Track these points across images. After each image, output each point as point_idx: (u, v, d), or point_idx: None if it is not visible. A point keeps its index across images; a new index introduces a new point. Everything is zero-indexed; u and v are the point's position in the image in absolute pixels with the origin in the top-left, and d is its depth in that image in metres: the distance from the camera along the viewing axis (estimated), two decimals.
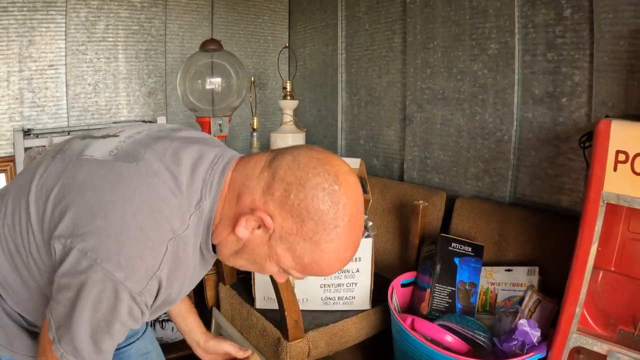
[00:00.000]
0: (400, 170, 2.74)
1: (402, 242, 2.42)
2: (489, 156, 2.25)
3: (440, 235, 2.04)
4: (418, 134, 2.57)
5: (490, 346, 1.73)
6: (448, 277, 1.95)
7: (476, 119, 2.28)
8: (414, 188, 2.49)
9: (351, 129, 3.10)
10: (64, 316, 0.99)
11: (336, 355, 2.23)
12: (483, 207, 2.19)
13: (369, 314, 2.09)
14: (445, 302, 1.92)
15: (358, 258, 2.02)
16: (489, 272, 2.01)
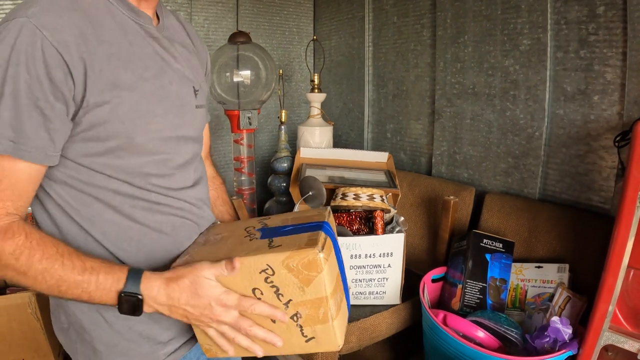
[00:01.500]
0: (428, 165, 2.78)
1: (431, 237, 2.46)
2: (519, 152, 2.28)
3: (471, 232, 2.07)
4: (447, 129, 2.60)
5: (522, 342, 1.76)
6: (479, 273, 1.99)
7: (507, 114, 2.31)
8: (443, 183, 2.53)
9: (378, 122, 3.14)
10: None
11: (366, 350, 2.27)
12: (513, 203, 2.22)
13: (399, 309, 2.13)
14: (476, 298, 1.96)
15: (390, 253, 2.05)
16: (519, 269, 2.04)
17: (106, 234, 1.21)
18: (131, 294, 1.10)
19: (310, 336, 1.15)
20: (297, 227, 1.23)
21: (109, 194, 1.19)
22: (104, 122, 1.11)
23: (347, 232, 2.10)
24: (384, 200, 2.17)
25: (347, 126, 3.38)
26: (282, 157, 2.86)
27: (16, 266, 1.05)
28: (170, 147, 1.26)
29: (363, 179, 2.40)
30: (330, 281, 1.11)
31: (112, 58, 1.11)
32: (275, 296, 1.12)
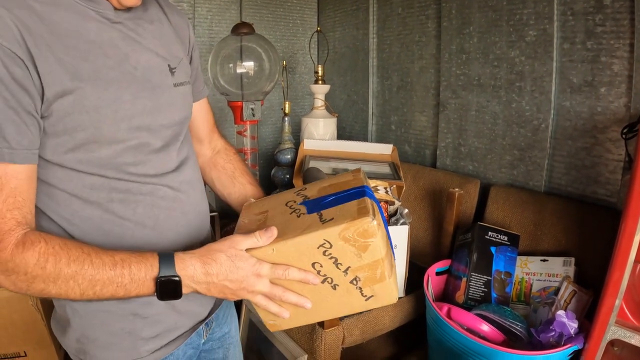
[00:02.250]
0: (433, 157, 2.77)
1: (435, 230, 2.45)
2: (524, 144, 2.27)
3: (476, 224, 2.07)
4: (452, 121, 2.59)
5: (527, 336, 1.76)
6: (484, 266, 1.98)
7: (512, 106, 2.30)
8: (448, 175, 2.52)
9: (382, 114, 3.13)
10: None
11: (369, 343, 2.27)
12: (518, 196, 2.21)
13: (402, 302, 2.12)
14: (481, 292, 1.95)
15: (394, 245, 2.04)
16: (524, 262, 2.03)
17: (86, 232, 1.19)
18: (168, 278, 1.10)
19: (370, 295, 1.21)
20: (339, 196, 1.24)
21: (85, 190, 1.17)
22: (68, 113, 1.09)
23: None
24: (388, 192, 2.16)
25: (351, 118, 3.38)
26: (285, 149, 2.85)
27: (44, 275, 1.03)
28: (143, 132, 1.23)
29: (367, 170, 2.39)
30: (383, 244, 1.15)
31: (70, 49, 1.09)
32: (334, 266, 1.17)
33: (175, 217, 1.32)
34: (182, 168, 1.35)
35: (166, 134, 1.29)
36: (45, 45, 1.05)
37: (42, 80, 1.05)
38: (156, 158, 1.26)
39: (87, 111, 1.10)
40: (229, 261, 1.14)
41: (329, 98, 3.11)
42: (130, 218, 1.22)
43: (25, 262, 1.01)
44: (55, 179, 1.15)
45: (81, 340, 1.26)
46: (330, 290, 1.21)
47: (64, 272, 1.03)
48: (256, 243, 1.16)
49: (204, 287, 1.16)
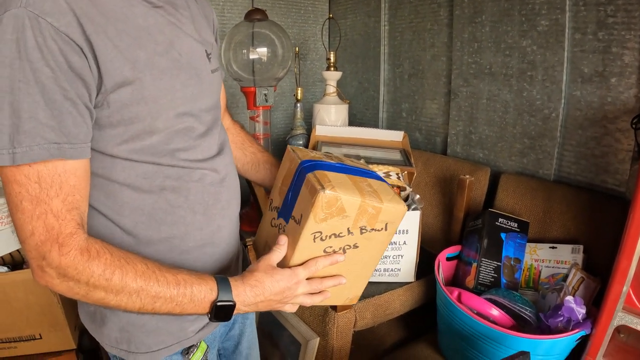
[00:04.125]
0: (444, 144, 2.80)
1: (445, 216, 2.49)
2: (535, 133, 2.31)
3: (487, 210, 2.10)
4: (463, 109, 2.62)
5: (536, 321, 1.80)
6: (494, 252, 2.02)
7: (523, 95, 2.33)
8: (458, 162, 2.55)
9: (393, 101, 3.16)
10: None
11: (380, 327, 2.31)
12: (528, 184, 2.25)
13: (413, 287, 2.17)
14: (490, 277, 1.99)
15: (405, 230, 2.08)
16: (533, 249, 2.07)
17: (137, 223, 1.20)
18: (225, 303, 1.15)
19: (382, 226, 1.29)
20: (292, 190, 1.32)
21: (138, 179, 1.17)
22: (126, 105, 1.08)
23: None
24: (400, 178, 2.20)
25: (362, 105, 3.41)
26: (297, 135, 2.89)
27: (108, 287, 1.03)
28: (188, 118, 1.24)
29: (378, 157, 2.43)
30: (351, 190, 1.22)
31: (123, 35, 1.06)
32: (340, 238, 1.26)
33: (222, 201, 1.36)
34: (224, 151, 1.39)
35: (207, 118, 1.32)
36: (102, 30, 1.02)
37: (100, 70, 1.02)
38: (203, 143, 1.29)
39: (145, 102, 1.10)
40: (269, 277, 1.22)
41: (341, 85, 3.14)
42: (182, 205, 1.25)
43: (90, 272, 1.01)
44: (105, 170, 1.14)
45: (126, 329, 1.27)
46: (357, 251, 1.30)
47: (129, 286, 1.04)
48: (280, 255, 1.27)
49: (252, 308, 1.22)
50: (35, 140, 0.95)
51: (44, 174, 0.97)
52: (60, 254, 0.99)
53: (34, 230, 0.98)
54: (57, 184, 0.99)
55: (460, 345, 1.87)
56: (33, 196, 0.97)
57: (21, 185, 0.97)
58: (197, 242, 1.31)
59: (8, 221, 2.20)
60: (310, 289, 1.29)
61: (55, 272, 1.00)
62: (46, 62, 0.94)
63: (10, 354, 2.27)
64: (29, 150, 0.95)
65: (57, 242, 0.99)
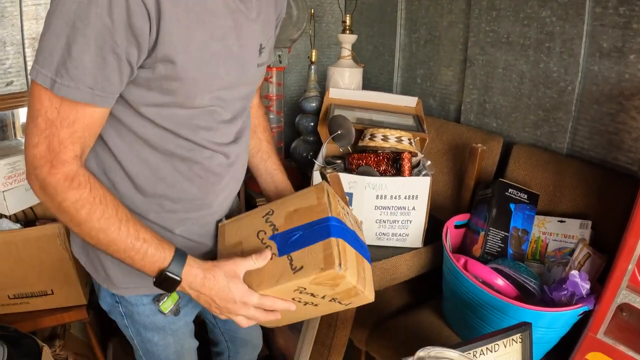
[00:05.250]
0: (457, 112, 2.81)
1: (455, 184, 2.52)
2: (550, 105, 2.31)
3: (498, 180, 2.12)
4: (478, 77, 2.62)
5: (540, 293, 1.82)
6: (502, 222, 2.04)
7: (540, 66, 2.32)
8: (471, 131, 2.56)
9: (408, 67, 3.15)
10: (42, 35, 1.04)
11: (386, 291, 2.34)
12: (540, 156, 2.26)
13: (420, 252, 2.20)
14: (497, 247, 2.02)
15: (415, 196, 2.10)
16: (541, 222, 2.09)
17: (140, 172, 1.29)
18: (172, 275, 1.20)
19: (348, 302, 1.37)
20: (306, 232, 1.30)
21: (154, 138, 1.26)
22: (167, 78, 1.15)
23: (373, 172, 2.15)
24: (412, 144, 2.22)
25: (376, 69, 3.40)
26: (311, 97, 2.89)
27: (74, 216, 1.13)
28: (221, 102, 1.30)
29: (391, 122, 2.44)
30: (353, 274, 1.26)
31: (191, 13, 1.12)
32: (312, 297, 1.31)
33: (222, 184, 1.43)
34: (240, 139, 1.45)
35: (236, 106, 1.38)
36: (176, 3, 1.07)
37: (158, 38, 1.08)
38: (224, 128, 1.36)
39: (185, 82, 1.16)
40: (225, 281, 1.24)
41: (355, 49, 3.13)
42: (183, 172, 1.32)
43: (64, 197, 1.10)
44: (128, 119, 1.22)
45: (103, 259, 1.41)
46: (313, 307, 1.38)
47: (91, 223, 1.13)
48: (253, 265, 1.27)
49: (194, 294, 1.26)
50: (74, 80, 1.03)
51: (65, 107, 1.06)
52: (49, 173, 1.09)
53: (38, 145, 1.08)
54: (72, 118, 1.08)
55: (464, 313, 1.90)
56: (49, 118, 1.06)
57: (43, 105, 1.06)
58: (186, 209, 1.39)
59: (21, 179, 2.25)
60: (252, 317, 1.30)
61: (39, 184, 1.11)
62: (109, 13, 0.99)
63: (22, 309, 2.31)
64: (66, 86, 1.03)
65: (50, 162, 1.08)
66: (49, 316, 2.33)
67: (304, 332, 2.25)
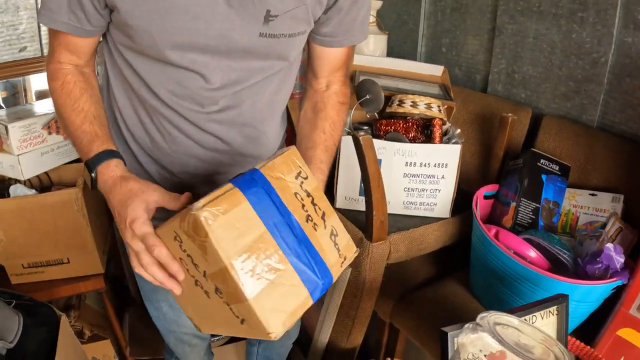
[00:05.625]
0: (484, 82, 2.76)
1: (482, 155, 2.48)
2: (581, 77, 2.26)
3: (530, 150, 2.09)
4: (507, 47, 2.58)
5: (573, 266, 1.80)
6: (534, 193, 2.01)
7: (572, 37, 2.28)
8: (499, 101, 2.52)
9: (433, 35, 3.10)
10: None
11: (412, 261, 2.32)
12: (571, 129, 2.23)
13: (448, 223, 2.18)
14: (528, 218, 1.99)
15: (445, 164, 2.08)
16: (572, 194, 2.06)
17: (124, 108, 1.46)
18: (89, 168, 1.24)
19: (241, 317, 1.02)
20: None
21: (131, 77, 1.38)
22: (121, 23, 1.24)
23: (403, 138, 2.12)
24: (441, 112, 2.19)
25: (400, 38, 3.35)
26: None
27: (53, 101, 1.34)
28: (201, 67, 1.31)
29: (417, 90, 2.41)
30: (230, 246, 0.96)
31: None
32: (194, 266, 1.05)
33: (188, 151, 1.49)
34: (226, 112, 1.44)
35: (230, 76, 1.36)
36: None
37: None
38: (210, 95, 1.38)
39: (136, 30, 1.24)
40: (128, 195, 1.15)
41: (378, 16, 3.09)
42: (148, 123, 1.46)
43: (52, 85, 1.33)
44: (116, 55, 1.38)
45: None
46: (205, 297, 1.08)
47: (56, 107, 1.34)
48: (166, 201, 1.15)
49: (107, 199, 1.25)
50: (49, 11, 1.24)
51: (51, 31, 1.31)
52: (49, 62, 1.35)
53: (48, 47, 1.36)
54: (58, 40, 1.31)
55: (493, 284, 1.87)
56: (51, 36, 1.33)
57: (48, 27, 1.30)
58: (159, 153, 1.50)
59: (36, 142, 2.21)
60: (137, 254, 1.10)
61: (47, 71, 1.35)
62: None
63: (37, 278, 2.29)
64: (42, 15, 1.26)
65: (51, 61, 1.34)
66: (64, 286, 2.30)
67: (327, 303, 2.24)
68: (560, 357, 1.00)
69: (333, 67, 1.54)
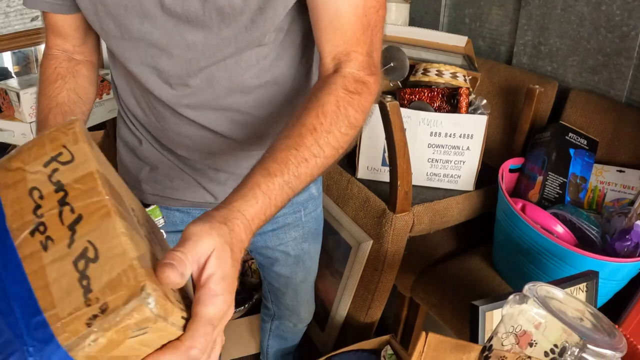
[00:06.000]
0: (508, 54, 2.71)
1: (507, 128, 2.44)
2: (610, 50, 2.21)
3: (558, 123, 2.05)
4: (534, 18, 2.52)
5: (601, 243, 1.77)
6: (561, 167, 1.98)
7: (602, 9, 2.23)
8: (524, 74, 2.47)
9: (456, 5, 3.05)
10: None
11: (433, 236, 2.29)
12: (599, 103, 2.18)
13: (472, 196, 2.15)
14: (555, 193, 1.96)
15: (470, 135, 2.04)
16: (599, 170, 2.03)
17: (118, 87, 1.40)
18: None
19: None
20: None
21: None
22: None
23: (428, 107, 2.08)
24: (466, 81, 2.15)
25: (421, 8, 3.29)
26: None
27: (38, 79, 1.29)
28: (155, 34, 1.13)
29: (441, 60, 2.36)
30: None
31: None
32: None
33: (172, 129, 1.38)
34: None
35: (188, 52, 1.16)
36: None
37: None
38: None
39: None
40: None
41: None
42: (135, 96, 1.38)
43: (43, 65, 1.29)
44: None
45: None
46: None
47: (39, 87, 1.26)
48: None
49: None
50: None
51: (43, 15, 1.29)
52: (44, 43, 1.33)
53: None
54: (46, 21, 1.28)
55: (517, 259, 1.85)
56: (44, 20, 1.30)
57: None
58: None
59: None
60: None
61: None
62: None
63: None
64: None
65: (45, 46, 1.32)
66: None
67: (347, 276, 2.22)
68: (611, 332, 0.97)
69: (340, 33, 1.07)
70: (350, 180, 2.21)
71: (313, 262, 1.83)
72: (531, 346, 1.01)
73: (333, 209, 2.31)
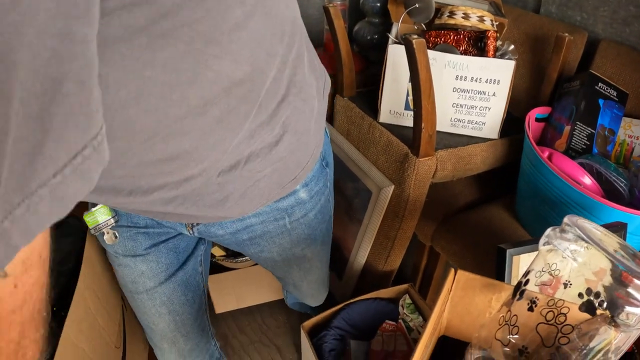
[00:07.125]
0: (536, 3, 2.67)
1: (533, 78, 2.41)
2: None
3: (588, 72, 2.03)
4: None
5: (629, 196, 1.76)
6: (590, 117, 1.96)
7: None
8: (553, 23, 2.43)
9: None
10: None
11: (455, 184, 2.28)
12: (630, 55, 2.15)
13: (496, 144, 2.13)
14: (583, 144, 1.94)
15: (497, 81, 2.02)
16: (628, 124, 2.01)
17: None
18: None
19: None
20: None
21: None
22: None
23: (454, 50, 2.06)
24: (493, 26, 2.12)
25: None
26: None
27: None
28: None
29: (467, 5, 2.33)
30: None
31: None
32: None
33: None
34: None
35: None
36: None
37: None
38: None
39: None
40: None
41: None
42: None
43: None
44: None
45: None
46: None
47: None
48: None
49: None
50: None
51: None
52: None
53: None
54: None
55: (542, 210, 1.84)
56: None
57: None
58: None
59: None
60: None
61: None
62: None
63: None
64: None
65: None
66: None
67: (366, 223, 2.21)
68: None
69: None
70: (372, 125, 2.19)
71: (313, 264, 1.73)
72: (565, 287, 1.01)
73: (354, 154, 2.30)
